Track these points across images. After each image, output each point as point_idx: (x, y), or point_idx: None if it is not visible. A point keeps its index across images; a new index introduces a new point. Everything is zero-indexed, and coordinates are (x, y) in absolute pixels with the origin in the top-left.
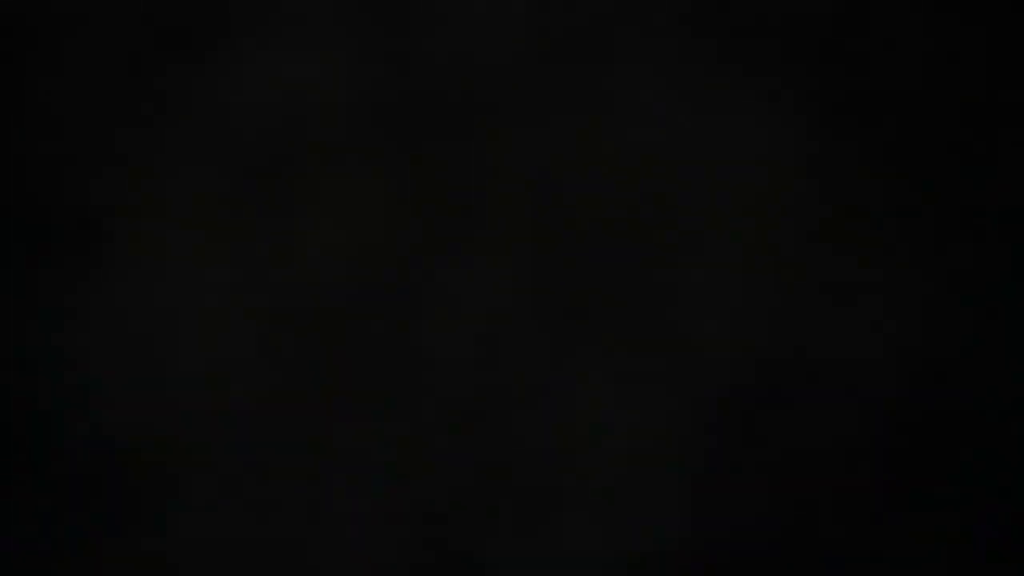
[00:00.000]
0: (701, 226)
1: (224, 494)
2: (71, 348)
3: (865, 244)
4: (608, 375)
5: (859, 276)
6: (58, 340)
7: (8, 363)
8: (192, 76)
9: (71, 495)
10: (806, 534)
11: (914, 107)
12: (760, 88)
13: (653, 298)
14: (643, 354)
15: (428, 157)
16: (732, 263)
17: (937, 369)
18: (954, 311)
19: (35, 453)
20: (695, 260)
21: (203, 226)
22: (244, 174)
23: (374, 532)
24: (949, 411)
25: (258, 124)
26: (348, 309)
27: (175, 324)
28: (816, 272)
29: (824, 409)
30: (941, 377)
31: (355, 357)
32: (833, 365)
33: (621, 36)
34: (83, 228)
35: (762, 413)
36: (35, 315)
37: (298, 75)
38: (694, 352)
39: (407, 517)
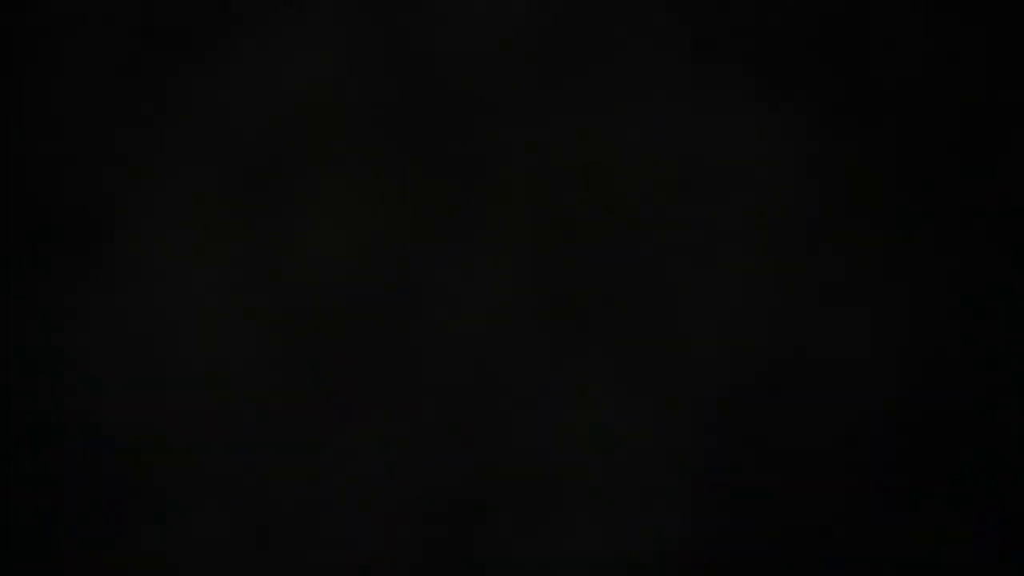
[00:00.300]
0: (701, 226)
1: (224, 494)
2: (71, 348)
3: (865, 244)
4: (608, 375)
5: (859, 276)
6: (58, 340)
7: (8, 363)
8: (192, 76)
9: (71, 495)
10: (806, 534)
11: (914, 107)
12: (760, 88)
13: (653, 298)
14: (643, 354)
15: (428, 157)
16: (732, 263)
17: (937, 369)
18: (954, 311)
19: (35, 453)
20: (695, 260)
21: (203, 226)
22: (244, 174)
23: (374, 532)
24: (949, 411)
25: (258, 124)
26: (348, 309)
27: (175, 324)
28: (816, 272)
29: (824, 409)
30: (941, 377)
31: (355, 357)
32: (833, 365)
33: (621, 36)
34: (83, 228)
35: (762, 413)
36: (35, 315)
37: (298, 75)
38: (694, 352)
39: (407, 517)
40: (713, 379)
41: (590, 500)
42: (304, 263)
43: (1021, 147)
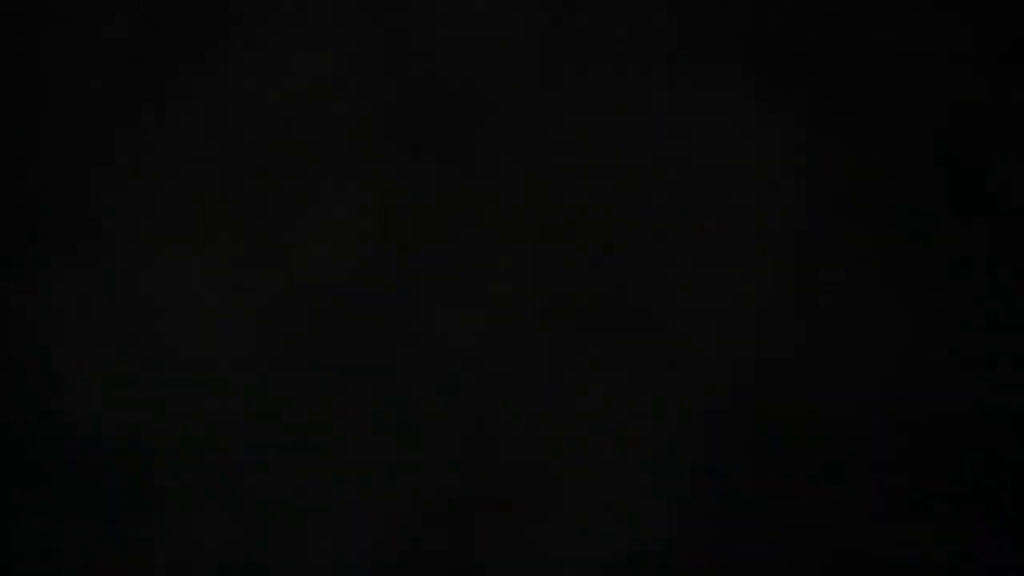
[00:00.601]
0: (701, 225)
1: (224, 494)
2: (69, 348)
3: (865, 244)
4: (608, 375)
5: (859, 276)
6: (56, 340)
7: (6, 363)
8: (192, 76)
9: (68, 495)
10: (806, 534)
11: (914, 108)
12: (760, 88)
13: (653, 298)
14: (643, 354)
15: (428, 157)
16: (732, 263)
17: (937, 369)
18: (955, 311)
19: (32, 453)
20: (695, 260)
21: (203, 226)
22: (244, 174)
23: (373, 532)
24: (949, 411)
25: (258, 124)
26: (348, 309)
27: (174, 324)
28: (816, 272)
29: (824, 409)
30: (941, 377)
31: (355, 357)
32: (833, 365)
33: (621, 36)
34: (83, 228)
35: (762, 413)
36: (33, 315)
37: (298, 75)
38: (694, 352)
39: (407, 517)
40: (713, 379)
41: (590, 500)
42: (304, 263)
43: (1021, 147)
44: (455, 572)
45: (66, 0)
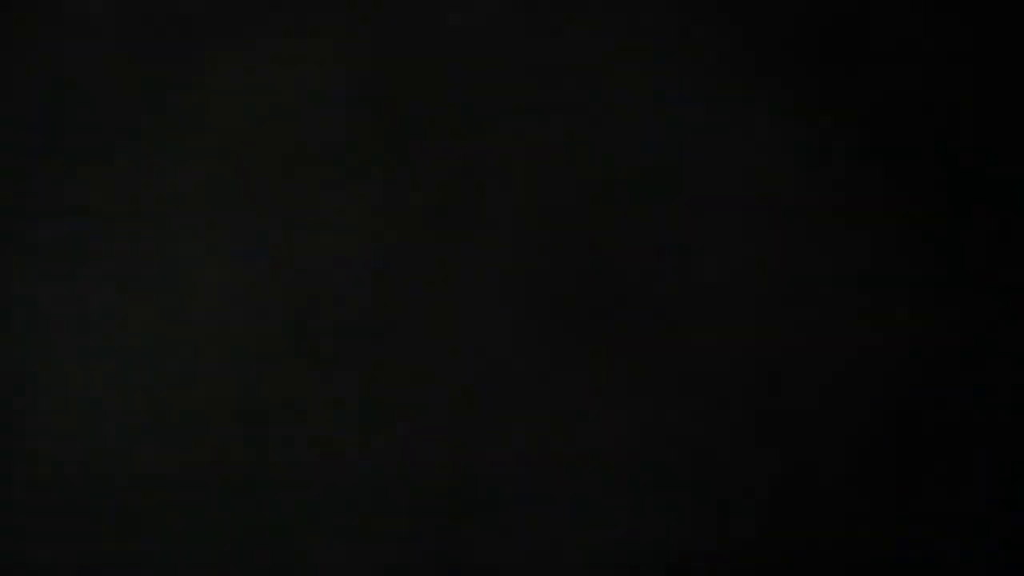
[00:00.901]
0: (700, 226)
1: (219, 495)
2: (68, 350)
3: (865, 244)
4: (608, 375)
5: (860, 276)
6: (55, 341)
7: (4, 361)
8: (192, 76)
9: (63, 500)
10: (805, 534)
11: (914, 107)
12: (760, 88)
13: (653, 298)
14: (643, 354)
15: (426, 158)
16: (732, 263)
17: (937, 369)
18: (955, 311)
19: (26, 458)
20: (695, 259)
21: (202, 228)
22: (243, 175)
23: (370, 532)
24: (949, 411)
25: (257, 125)
26: (346, 310)
27: (174, 326)
28: (817, 273)
29: (824, 409)
30: (941, 377)
31: (353, 359)
32: (833, 365)
33: (620, 35)
34: (83, 228)
35: (762, 414)
36: (32, 316)
37: (296, 76)
38: (694, 352)
39: (403, 518)
40: (713, 379)
41: (589, 501)
42: (303, 265)
43: (1021, 147)
44: (454, 572)
45: (64, 1)
